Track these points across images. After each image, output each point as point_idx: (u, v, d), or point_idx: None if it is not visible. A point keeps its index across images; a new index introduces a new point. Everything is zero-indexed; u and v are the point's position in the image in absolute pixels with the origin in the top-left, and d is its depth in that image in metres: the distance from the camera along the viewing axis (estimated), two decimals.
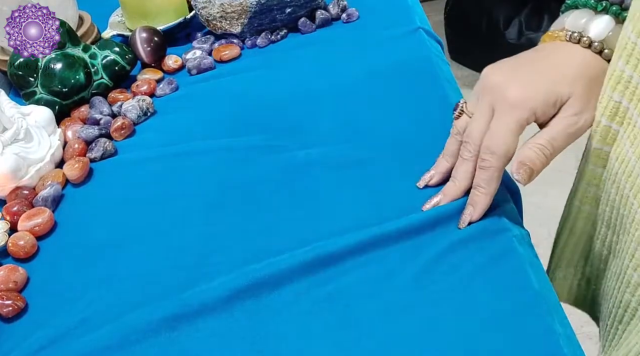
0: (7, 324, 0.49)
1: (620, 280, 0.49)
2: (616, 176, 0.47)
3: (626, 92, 0.44)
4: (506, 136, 0.45)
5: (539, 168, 0.45)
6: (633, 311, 0.48)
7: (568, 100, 0.46)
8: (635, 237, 0.45)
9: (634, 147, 0.44)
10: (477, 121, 0.47)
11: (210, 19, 0.77)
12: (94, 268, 0.52)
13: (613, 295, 0.51)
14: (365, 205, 0.52)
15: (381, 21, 0.78)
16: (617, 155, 0.47)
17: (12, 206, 0.57)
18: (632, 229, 0.45)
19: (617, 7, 0.47)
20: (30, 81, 0.69)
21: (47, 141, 0.64)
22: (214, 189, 0.57)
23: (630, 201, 0.45)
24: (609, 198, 0.49)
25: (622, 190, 0.46)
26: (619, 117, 0.46)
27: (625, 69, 0.44)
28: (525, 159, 0.45)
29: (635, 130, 0.44)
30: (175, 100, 0.71)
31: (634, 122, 0.44)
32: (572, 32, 0.48)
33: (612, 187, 0.48)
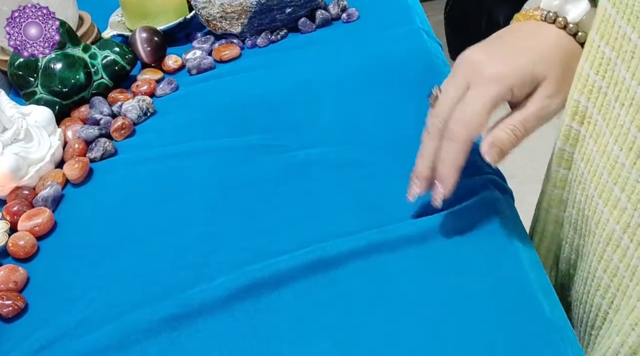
0: (7, 324, 0.49)
1: (589, 284, 0.49)
2: (582, 177, 0.47)
3: (584, 90, 0.44)
4: (479, 109, 0.44)
5: (509, 149, 0.44)
6: (604, 315, 0.48)
7: (543, 82, 0.45)
8: (603, 237, 0.44)
9: (597, 146, 0.44)
10: (448, 94, 0.46)
11: (210, 19, 0.77)
12: (94, 268, 0.52)
13: (584, 299, 0.51)
14: (365, 206, 0.52)
15: (381, 21, 0.78)
16: (582, 155, 0.47)
17: (12, 206, 0.57)
18: (597, 230, 0.45)
19: None
20: (31, 81, 0.69)
21: (47, 141, 0.64)
22: (214, 189, 0.57)
23: (595, 201, 0.45)
24: (575, 200, 0.49)
25: (587, 191, 0.46)
26: (579, 117, 0.46)
27: (585, 66, 0.44)
28: (497, 140, 0.44)
29: (597, 128, 0.44)
30: (175, 100, 0.71)
31: (594, 121, 0.44)
32: (548, 12, 0.48)
33: (578, 188, 0.48)
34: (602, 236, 0.45)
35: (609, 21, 0.41)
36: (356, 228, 0.50)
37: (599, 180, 0.44)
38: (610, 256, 0.45)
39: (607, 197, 0.43)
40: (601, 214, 0.44)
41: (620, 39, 0.40)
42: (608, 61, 0.42)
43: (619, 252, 0.44)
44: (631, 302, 0.43)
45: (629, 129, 0.40)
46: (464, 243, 0.47)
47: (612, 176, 0.42)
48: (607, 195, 0.43)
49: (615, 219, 0.43)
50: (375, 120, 0.61)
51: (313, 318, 0.44)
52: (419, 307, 0.43)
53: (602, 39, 0.42)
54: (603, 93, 0.43)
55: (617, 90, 0.41)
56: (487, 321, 0.42)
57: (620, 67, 0.40)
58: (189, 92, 0.72)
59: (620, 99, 0.41)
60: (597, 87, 0.43)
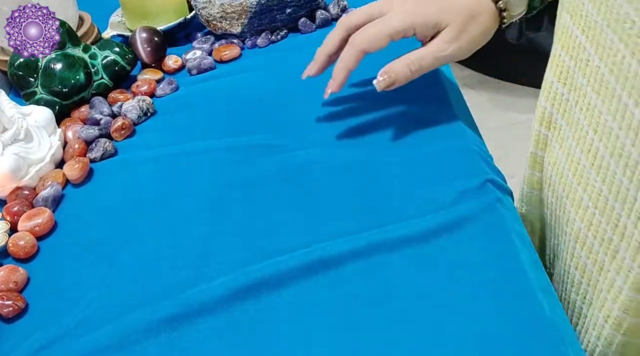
0: (8, 324, 0.49)
1: (565, 281, 0.51)
2: (550, 179, 0.50)
3: (549, 97, 0.48)
4: (380, 32, 0.53)
5: (401, 80, 0.53)
6: (579, 310, 0.50)
7: (446, 28, 0.53)
8: (572, 236, 0.47)
9: (562, 149, 0.47)
10: (362, 12, 0.55)
11: (210, 19, 0.77)
12: (94, 268, 0.52)
13: (562, 297, 0.52)
14: (365, 206, 0.52)
15: None
16: (549, 159, 0.50)
17: (13, 206, 0.57)
18: (567, 229, 0.48)
19: None
20: (31, 81, 0.69)
21: (47, 141, 0.64)
22: (214, 189, 0.57)
23: (563, 202, 0.48)
24: (548, 202, 0.52)
25: (556, 192, 0.49)
26: (546, 122, 0.50)
27: (549, 75, 0.49)
28: (390, 70, 0.53)
29: (561, 133, 0.47)
30: (176, 101, 0.71)
31: (559, 126, 0.48)
32: None
33: (549, 191, 0.51)
34: (571, 235, 0.47)
35: (568, 31, 0.45)
36: (356, 229, 0.50)
37: (566, 181, 0.47)
38: (579, 253, 0.47)
39: (573, 197, 0.46)
40: (569, 214, 0.47)
41: (577, 47, 0.44)
42: (568, 69, 0.46)
43: (585, 249, 0.46)
44: (602, 296, 0.44)
45: (587, 133, 0.43)
46: (464, 243, 0.47)
47: (576, 177, 0.45)
48: (573, 195, 0.46)
49: (580, 218, 0.46)
50: (376, 120, 0.61)
51: (313, 318, 0.44)
52: (419, 307, 0.43)
53: (563, 49, 0.46)
54: (565, 99, 0.47)
55: (576, 96, 0.45)
56: (487, 321, 0.42)
57: (577, 74, 0.44)
58: (189, 92, 0.72)
59: (579, 104, 0.44)
60: (559, 94, 0.47)
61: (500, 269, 0.45)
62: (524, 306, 0.43)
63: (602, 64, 0.40)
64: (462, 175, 0.53)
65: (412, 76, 0.53)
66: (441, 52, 0.53)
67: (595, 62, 0.41)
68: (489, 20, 0.54)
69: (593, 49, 0.41)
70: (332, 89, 0.56)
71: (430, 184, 0.53)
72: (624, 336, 0.44)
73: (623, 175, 0.40)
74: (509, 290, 0.44)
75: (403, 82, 0.53)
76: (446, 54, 0.53)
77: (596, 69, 0.41)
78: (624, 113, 0.38)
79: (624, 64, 0.37)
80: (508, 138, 1.74)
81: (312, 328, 0.44)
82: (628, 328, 0.44)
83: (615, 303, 0.43)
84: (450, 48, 0.53)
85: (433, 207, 0.50)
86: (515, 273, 0.45)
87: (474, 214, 0.49)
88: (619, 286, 0.43)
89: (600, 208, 0.43)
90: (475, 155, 0.55)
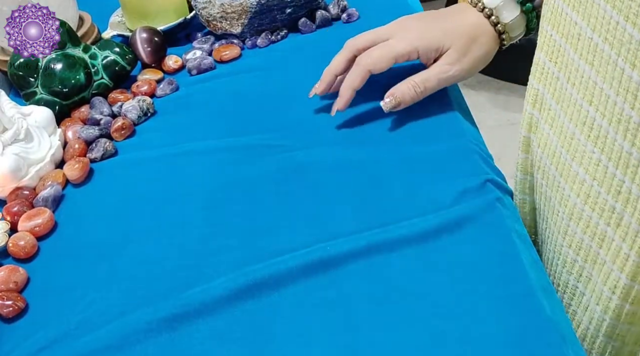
0: (8, 324, 0.49)
1: (555, 264, 0.52)
2: (540, 162, 0.52)
3: (541, 77, 0.50)
4: (385, 54, 0.56)
5: (407, 101, 0.56)
6: (573, 289, 0.50)
7: (448, 50, 0.56)
8: (566, 214, 0.48)
9: (553, 129, 0.49)
10: (370, 35, 0.59)
11: (210, 20, 0.77)
12: (94, 269, 0.52)
13: (553, 281, 0.52)
14: (365, 206, 0.52)
15: (381, 21, 0.78)
16: (539, 141, 0.52)
17: (13, 206, 0.57)
18: (561, 207, 0.49)
19: None
20: (31, 81, 0.69)
21: (48, 141, 0.64)
22: (214, 189, 0.57)
23: (557, 180, 0.49)
24: (537, 185, 0.54)
25: (547, 173, 0.51)
26: (538, 104, 0.52)
27: (540, 55, 0.50)
28: (397, 91, 0.56)
29: (551, 113, 0.49)
30: (176, 101, 0.71)
31: (548, 106, 0.50)
32: (484, 7, 0.58)
33: (538, 173, 0.52)
34: (565, 212, 0.49)
35: (557, 10, 0.46)
36: (356, 228, 0.50)
37: (559, 159, 0.49)
38: (574, 230, 0.48)
39: (567, 174, 0.48)
40: (563, 191, 0.48)
41: (568, 24, 0.45)
42: (559, 47, 0.47)
43: (581, 224, 0.47)
44: (605, 268, 0.45)
45: (581, 106, 0.44)
46: (464, 243, 0.47)
47: (570, 153, 0.47)
48: (567, 171, 0.48)
49: (576, 193, 0.47)
50: (376, 120, 0.61)
51: (313, 318, 0.44)
52: (419, 307, 0.43)
53: (553, 28, 0.47)
54: (555, 78, 0.48)
55: (567, 72, 0.46)
56: (488, 321, 0.42)
57: (569, 51, 0.45)
58: (189, 93, 0.72)
59: (572, 80, 0.46)
60: (550, 73, 0.49)
61: (501, 269, 0.45)
62: (525, 306, 0.42)
63: (595, 34, 0.41)
64: (462, 174, 0.53)
65: (418, 97, 0.56)
66: (444, 73, 0.56)
67: (588, 34, 0.42)
68: (490, 42, 0.57)
69: (585, 22, 0.42)
70: (339, 107, 0.59)
71: (431, 184, 0.53)
72: (632, 305, 0.45)
73: (624, 140, 0.41)
74: (509, 290, 0.44)
75: (409, 102, 0.56)
76: (449, 76, 0.56)
77: (588, 40, 0.42)
78: (620, 78, 0.40)
79: (618, 29, 0.39)
80: (508, 137, 1.74)
81: (312, 328, 0.43)
82: (636, 296, 0.44)
83: (622, 272, 0.44)
84: (453, 69, 0.56)
85: (433, 207, 0.50)
86: (515, 273, 0.45)
87: (474, 214, 0.49)
88: (625, 254, 0.43)
89: (599, 178, 0.44)
90: (475, 154, 0.55)
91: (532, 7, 0.58)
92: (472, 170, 0.54)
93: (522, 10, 0.58)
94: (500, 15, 0.57)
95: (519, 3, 0.58)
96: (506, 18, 0.57)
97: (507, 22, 0.57)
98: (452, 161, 0.55)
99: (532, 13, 0.58)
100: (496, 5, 0.57)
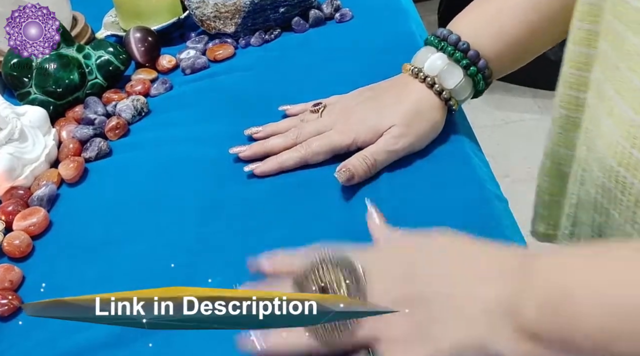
0: (3, 323, 0.49)
1: None
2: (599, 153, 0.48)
3: None
4: (322, 147, 0.56)
5: (360, 173, 0.53)
6: None
7: (391, 128, 0.54)
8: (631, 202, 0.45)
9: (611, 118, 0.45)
10: (316, 124, 0.57)
11: (204, 19, 0.78)
12: (89, 268, 0.52)
13: None
14: (363, 203, 0.52)
15: (374, 21, 0.79)
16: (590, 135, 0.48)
17: (8, 206, 0.57)
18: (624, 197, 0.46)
19: (452, 48, 0.55)
20: (25, 81, 0.69)
21: (42, 141, 0.64)
22: (208, 188, 0.57)
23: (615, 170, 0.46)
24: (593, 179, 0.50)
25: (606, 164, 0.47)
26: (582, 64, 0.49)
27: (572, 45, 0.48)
28: (349, 164, 0.53)
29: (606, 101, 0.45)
30: (170, 100, 0.71)
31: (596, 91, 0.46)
32: (414, 68, 0.57)
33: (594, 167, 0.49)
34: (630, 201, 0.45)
35: None
36: (354, 227, 0.50)
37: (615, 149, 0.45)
38: None
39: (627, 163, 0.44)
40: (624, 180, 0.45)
41: None
42: None
43: None
44: None
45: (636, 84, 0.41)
46: None
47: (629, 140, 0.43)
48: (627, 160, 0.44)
49: None
50: None
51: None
52: None
53: None
54: None
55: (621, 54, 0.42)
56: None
57: None
58: (183, 92, 0.72)
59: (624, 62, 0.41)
60: None
61: None
62: None
63: None
64: (457, 183, 0.53)
65: (370, 170, 0.54)
66: (392, 146, 0.54)
67: None
68: (435, 113, 0.56)
69: None
70: (256, 172, 0.57)
71: (426, 190, 0.53)
72: None
73: None
74: None
75: (362, 175, 0.54)
76: (397, 148, 0.54)
77: None
78: None
79: None
80: (503, 137, 1.75)
81: None
82: None
83: None
84: (400, 143, 0.54)
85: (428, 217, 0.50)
86: None
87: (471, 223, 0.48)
88: None
89: None
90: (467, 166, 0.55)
91: (477, 70, 0.56)
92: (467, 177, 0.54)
93: (466, 74, 0.56)
94: (444, 82, 0.55)
95: (463, 67, 0.55)
96: (450, 84, 0.55)
97: (452, 88, 0.56)
98: (447, 167, 0.55)
99: (477, 76, 0.56)
100: (438, 73, 0.56)
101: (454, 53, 0.55)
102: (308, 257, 0.43)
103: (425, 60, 0.56)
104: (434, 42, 0.57)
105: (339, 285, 0.40)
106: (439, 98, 0.56)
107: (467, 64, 0.55)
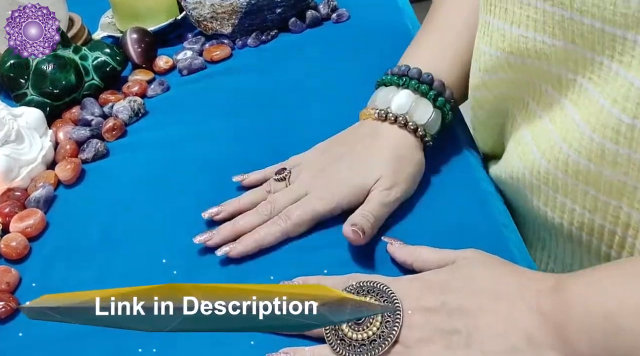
0: (0, 325, 0.49)
1: None
2: None
3: None
4: (306, 214, 0.50)
5: (368, 230, 0.48)
6: None
7: (378, 181, 0.50)
8: None
9: None
10: (290, 194, 0.52)
11: (200, 20, 0.77)
12: (86, 269, 0.52)
13: None
14: None
15: (371, 21, 0.79)
16: None
17: (4, 207, 0.57)
18: None
19: (415, 81, 0.53)
20: (21, 83, 0.69)
21: (39, 142, 0.64)
22: (206, 189, 0.57)
23: None
24: None
25: None
26: None
27: None
28: (353, 221, 0.48)
29: None
30: (167, 101, 0.71)
31: None
32: (379, 110, 0.53)
33: None
34: None
35: None
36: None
37: None
38: None
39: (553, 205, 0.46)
40: None
41: None
42: None
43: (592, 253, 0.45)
44: None
45: None
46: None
47: None
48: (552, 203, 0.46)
49: None
50: None
51: None
52: None
53: None
54: None
55: None
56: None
57: None
58: (180, 93, 0.72)
59: None
60: None
61: None
62: None
63: None
64: (457, 189, 0.54)
65: (374, 225, 0.49)
66: (386, 198, 0.50)
67: None
68: (414, 152, 0.52)
69: None
70: (231, 254, 0.50)
71: (427, 197, 0.53)
72: None
73: None
74: None
75: (370, 231, 0.48)
76: (391, 199, 0.50)
77: None
78: None
79: None
80: None
81: None
82: None
83: None
84: (393, 192, 0.50)
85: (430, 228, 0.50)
86: None
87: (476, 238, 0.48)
88: None
89: None
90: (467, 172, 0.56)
91: (445, 101, 0.53)
92: (467, 183, 0.54)
93: (435, 106, 0.53)
94: (416, 118, 0.52)
95: (431, 99, 0.53)
96: (423, 119, 0.52)
97: (425, 123, 0.52)
98: (448, 176, 0.55)
99: (445, 106, 0.54)
100: (407, 110, 0.52)
101: (419, 86, 0.53)
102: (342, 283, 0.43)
103: (389, 100, 0.53)
104: (394, 80, 0.54)
105: None
106: (415, 137, 0.52)
107: (435, 95, 0.53)
